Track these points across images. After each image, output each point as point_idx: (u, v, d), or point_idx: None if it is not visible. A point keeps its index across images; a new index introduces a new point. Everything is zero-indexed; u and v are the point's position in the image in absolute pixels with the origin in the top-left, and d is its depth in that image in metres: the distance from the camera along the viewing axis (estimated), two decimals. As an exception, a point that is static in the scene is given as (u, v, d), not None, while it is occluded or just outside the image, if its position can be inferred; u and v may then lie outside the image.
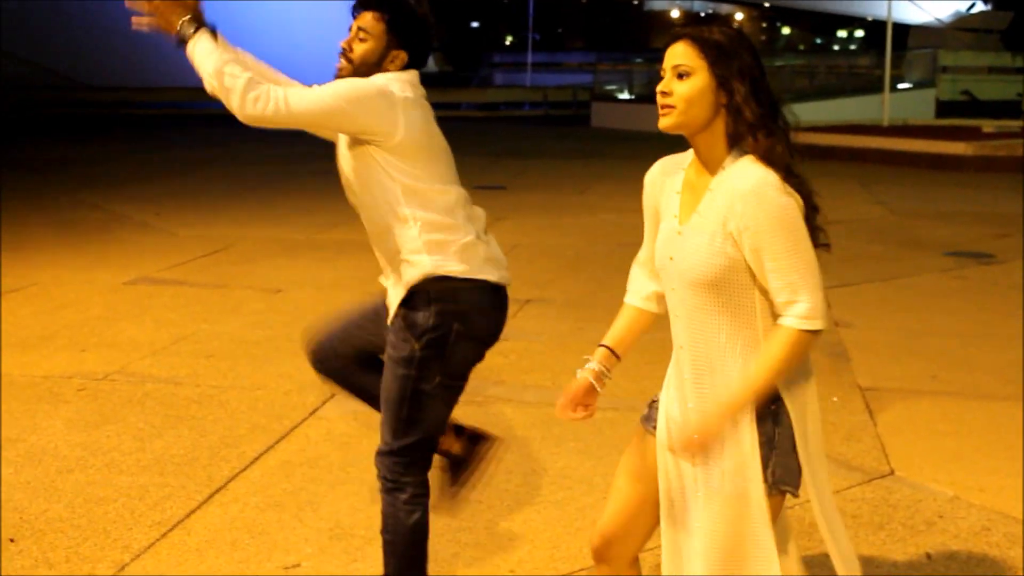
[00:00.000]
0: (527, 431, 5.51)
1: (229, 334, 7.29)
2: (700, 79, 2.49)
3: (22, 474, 4.93)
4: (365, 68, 3.31)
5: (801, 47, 67.37)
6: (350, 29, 3.36)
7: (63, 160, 19.91)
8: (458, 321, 3.29)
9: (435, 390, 3.31)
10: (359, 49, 3.32)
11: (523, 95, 39.73)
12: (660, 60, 2.57)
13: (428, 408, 3.31)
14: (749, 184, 2.46)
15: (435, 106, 3.44)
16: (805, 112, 2.75)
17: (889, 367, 6.58)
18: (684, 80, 2.50)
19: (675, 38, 2.55)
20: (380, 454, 3.36)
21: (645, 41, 66.25)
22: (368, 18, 3.32)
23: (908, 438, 5.44)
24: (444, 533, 4.27)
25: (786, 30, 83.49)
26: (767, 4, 66.60)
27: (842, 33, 77.77)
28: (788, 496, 2.64)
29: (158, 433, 5.45)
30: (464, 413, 5.62)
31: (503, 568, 4.02)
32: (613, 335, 2.93)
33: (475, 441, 3.81)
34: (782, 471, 2.58)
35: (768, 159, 2.49)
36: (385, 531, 3.36)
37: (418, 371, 3.29)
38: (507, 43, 76.36)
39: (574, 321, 7.75)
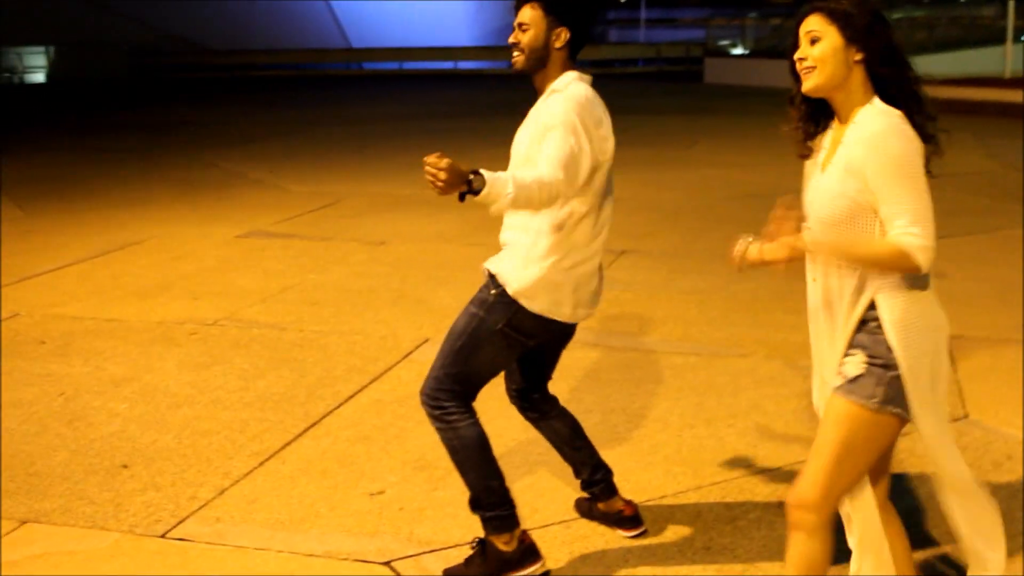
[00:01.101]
0: (609, 373, 5.70)
1: (333, 283, 7.62)
2: (831, 41, 2.73)
3: (136, 409, 5.31)
4: (536, 54, 3.51)
5: (924, -2, 65.42)
6: (513, 27, 3.56)
7: (184, 121, 20.59)
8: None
9: (495, 336, 3.51)
10: (525, 39, 3.52)
11: (637, 52, 39.60)
12: (779, 16, 2.81)
13: (483, 348, 3.51)
14: (870, 130, 2.70)
15: None
16: (924, 64, 2.81)
17: (978, 316, 6.60)
18: (816, 44, 2.74)
19: (806, 13, 2.79)
20: (426, 380, 3.57)
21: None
22: (526, 12, 3.53)
23: (987, 384, 5.49)
24: (521, 465, 4.51)
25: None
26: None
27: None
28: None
29: (261, 373, 5.79)
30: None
31: (575, 495, 4.23)
32: None
33: (626, 523, 3.96)
34: (895, 393, 2.77)
35: (894, 104, 2.74)
36: (453, 453, 3.58)
37: (487, 312, 3.50)
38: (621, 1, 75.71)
39: (667, 272, 7.88)
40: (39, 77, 35.73)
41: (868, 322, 2.79)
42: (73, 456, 4.74)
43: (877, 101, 2.75)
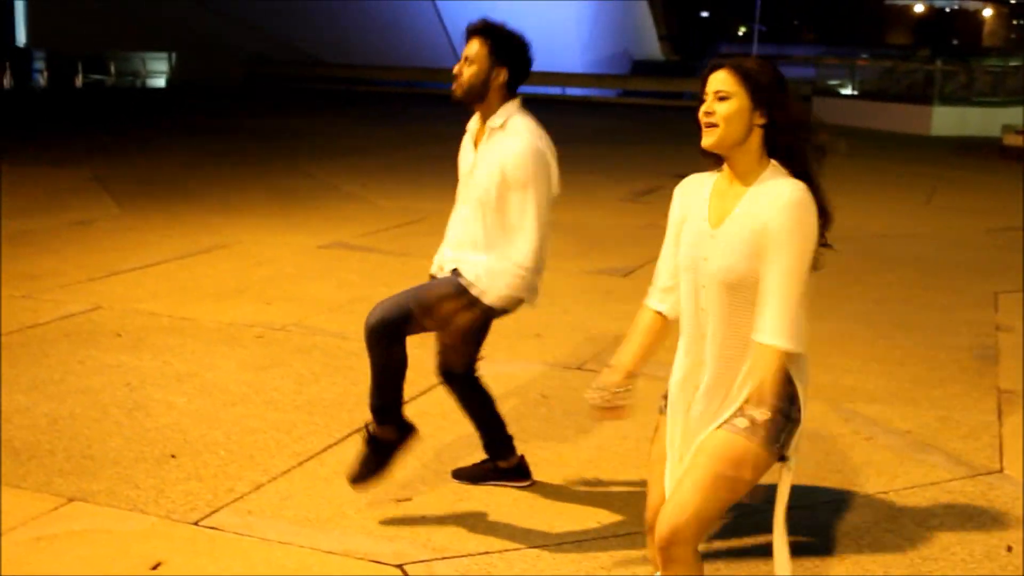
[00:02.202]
0: (652, 401, 5.78)
1: (401, 297, 7.83)
2: (739, 101, 2.87)
3: (193, 403, 5.57)
4: (475, 89, 4.04)
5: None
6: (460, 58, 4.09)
7: (290, 130, 21.12)
8: None
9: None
10: (467, 73, 4.05)
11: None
12: (891, 59, 2.98)
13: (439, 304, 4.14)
14: (788, 199, 2.82)
15: (656, 95, 4.14)
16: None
17: (1036, 373, 6.56)
18: (724, 102, 2.88)
19: (715, 67, 2.93)
20: (389, 310, 4.16)
21: (879, 36, 64.25)
22: (473, 46, 4.04)
23: (1030, 441, 5.47)
24: (547, 485, 4.64)
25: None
26: (1013, 0, 63.53)
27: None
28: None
29: (316, 379, 6.02)
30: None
31: (594, 516, 4.35)
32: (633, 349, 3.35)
33: (405, 433, 4.38)
34: (788, 440, 2.94)
35: (797, 174, 2.88)
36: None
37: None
38: (739, 34, 75.54)
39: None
40: (160, 82, 36.88)
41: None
42: (127, 443, 5.01)
43: (777, 165, 2.87)
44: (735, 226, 2.87)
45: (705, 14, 76.29)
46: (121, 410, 5.43)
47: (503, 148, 4.05)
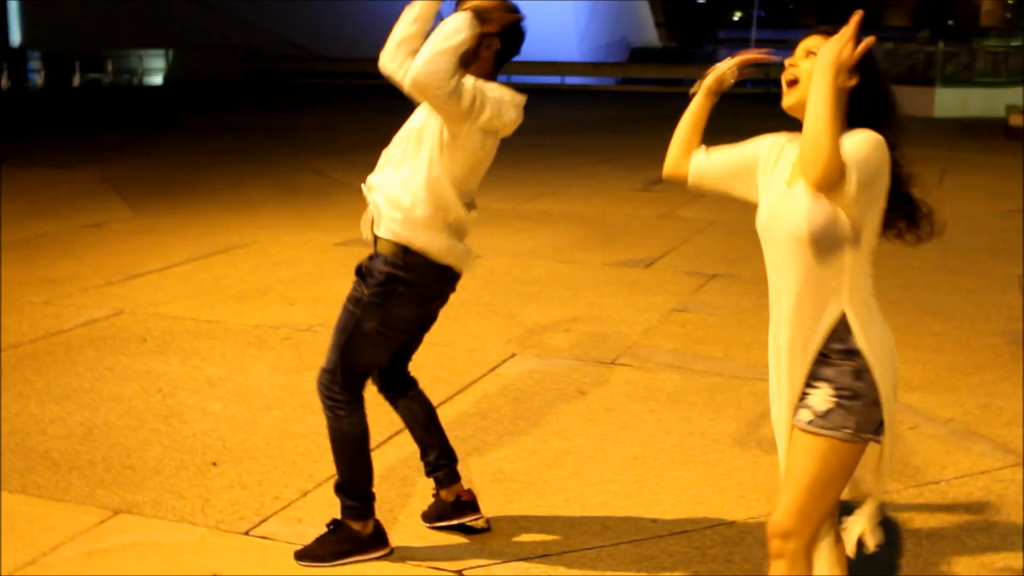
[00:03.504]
0: (690, 397, 5.75)
1: (425, 295, 7.76)
2: None
3: (228, 409, 5.51)
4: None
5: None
6: None
7: (294, 128, 21.04)
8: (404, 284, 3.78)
9: (371, 333, 3.80)
10: None
11: (746, 72, 39.26)
12: (892, 40, 2.87)
13: (364, 345, 3.82)
14: (861, 134, 2.72)
15: (655, 81, 3.93)
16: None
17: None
18: (810, 58, 2.79)
19: (809, 32, 2.87)
20: (321, 372, 3.90)
21: (877, 19, 64.16)
22: None
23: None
24: (596, 483, 4.59)
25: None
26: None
27: None
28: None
29: (350, 380, 5.95)
30: (633, 377, 5.93)
31: (647, 514, 4.30)
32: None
33: (467, 509, 4.18)
34: (865, 420, 2.79)
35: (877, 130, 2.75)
36: (333, 441, 3.92)
37: (363, 312, 3.80)
38: (735, 19, 75.38)
39: (756, 297, 7.87)
40: (157, 79, 36.76)
41: (829, 356, 2.81)
42: (166, 451, 4.95)
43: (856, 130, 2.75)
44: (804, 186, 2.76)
45: (702, 0, 76.14)
46: (156, 417, 5.37)
47: None
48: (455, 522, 4.15)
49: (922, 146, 18.48)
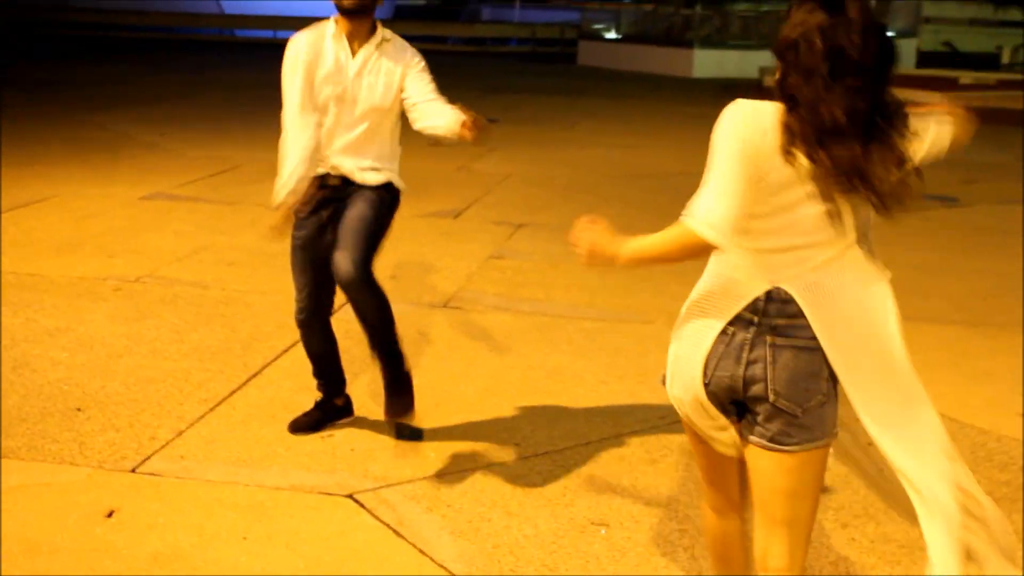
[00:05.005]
0: (524, 335, 6.15)
1: (246, 246, 7.88)
2: None
3: (76, 358, 5.55)
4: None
5: None
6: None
7: (56, 81, 20.24)
8: None
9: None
10: None
11: (511, 31, 39.98)
12: (652, 2, 3.11)
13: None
14: None
15: (421, 39, 4.34)
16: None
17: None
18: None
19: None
20: (354, 265, 4.43)
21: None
22: None
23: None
24: (456, 414, 4.92)
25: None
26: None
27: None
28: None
29: (192, 328, 6.07)
30: (467, 319, 6.28)
31: (511, 440, 4.66)
32: None
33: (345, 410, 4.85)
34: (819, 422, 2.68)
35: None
36: (386, 320, 4.63)
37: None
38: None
39: (564, 244, 8.29)
40: None
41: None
42: (25, 400, 4.97)
43: None
44: None
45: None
46: (5, 367, 5.35)
47: (403, 55, 4.50)
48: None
49: (685, 104, 19.52)
